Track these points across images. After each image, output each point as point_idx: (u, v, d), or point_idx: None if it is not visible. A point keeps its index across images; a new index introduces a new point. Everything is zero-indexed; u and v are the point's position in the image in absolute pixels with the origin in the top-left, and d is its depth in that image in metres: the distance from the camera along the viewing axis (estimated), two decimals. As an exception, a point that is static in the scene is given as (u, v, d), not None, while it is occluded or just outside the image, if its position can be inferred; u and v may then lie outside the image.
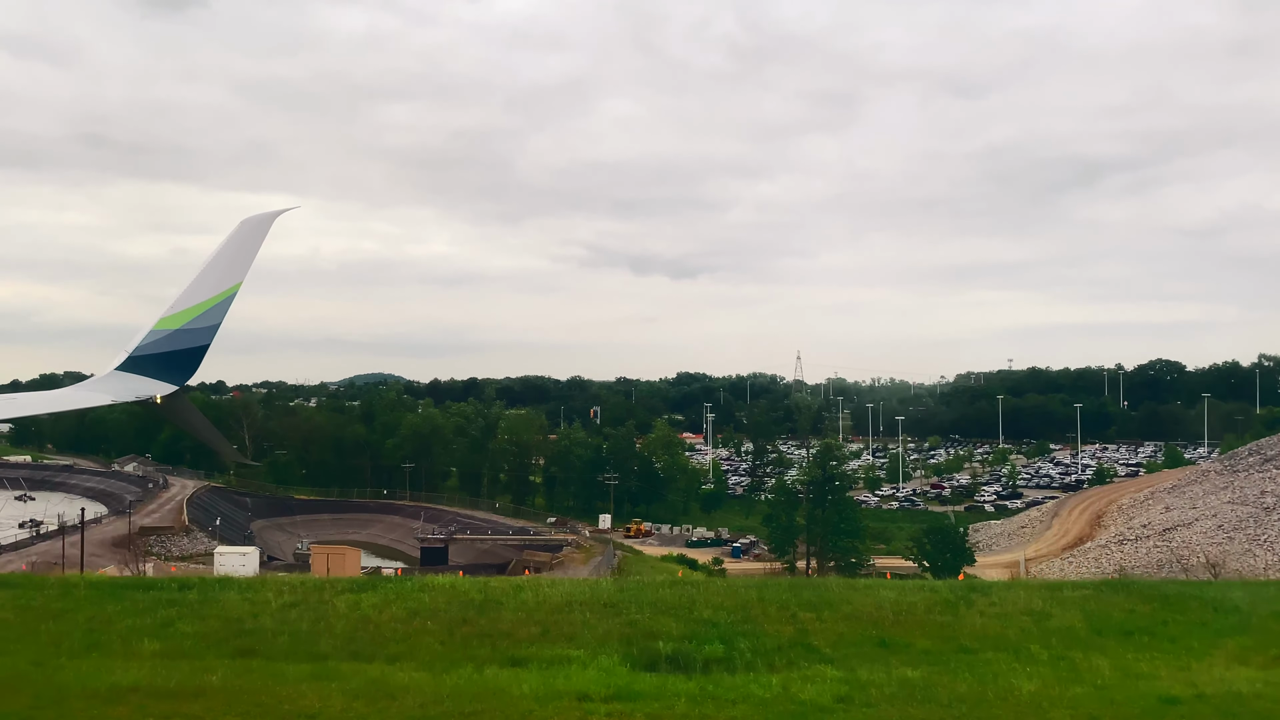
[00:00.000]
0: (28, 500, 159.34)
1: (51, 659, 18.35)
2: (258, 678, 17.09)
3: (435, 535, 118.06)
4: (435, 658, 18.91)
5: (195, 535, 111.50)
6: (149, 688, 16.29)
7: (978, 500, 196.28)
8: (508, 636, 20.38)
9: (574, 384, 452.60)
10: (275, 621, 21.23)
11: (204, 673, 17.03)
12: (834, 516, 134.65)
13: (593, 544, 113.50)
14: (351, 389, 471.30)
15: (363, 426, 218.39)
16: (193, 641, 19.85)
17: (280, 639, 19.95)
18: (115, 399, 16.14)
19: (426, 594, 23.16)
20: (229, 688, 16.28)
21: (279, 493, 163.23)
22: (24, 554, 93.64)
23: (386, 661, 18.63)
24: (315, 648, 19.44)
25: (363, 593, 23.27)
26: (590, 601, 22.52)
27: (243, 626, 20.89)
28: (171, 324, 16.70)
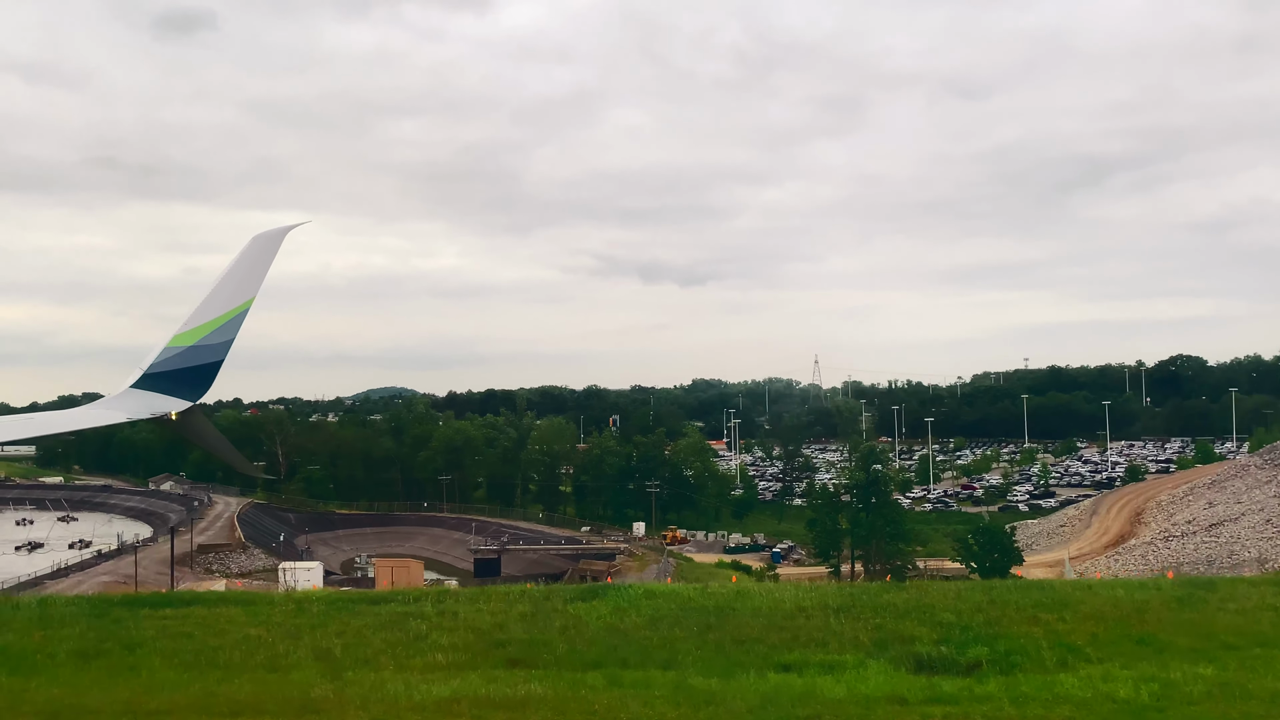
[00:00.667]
0: (70, 521, 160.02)
1: (343, 672, 18.69)
2: (563, 686, 17.43)
3: (488, 546, 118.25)
4: (705, 663, 19.23)
5: (252, 551, 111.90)
6: (471, 698, 16.63)
7: (1011, 500, 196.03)
8: (758, 641, 20.71)
9: (591, 393, 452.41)
10: (524, 631, 21.58)
11: (521, 683, 17.33)
12: (879, 520, 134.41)
13: (645, 552, 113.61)
14: (368, 403, 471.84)
15: (391, 440, 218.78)
16: (456, 653, 20.15)
17: (543, 648, 20.26)
18: (131, 416, 16.23)
19: (653, 601, 23.47)
20: (550, 697, 16.60)
21: (319, 508, 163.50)
22: (91, 573, 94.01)
23: (661, 668, 18.96)
24: (584, 656, 19.75)
25: (589, 601, 23.58)
26: (820, 607, 22.86)
27: (494, 637, 21.22)
28: (185, 340, 16.78)
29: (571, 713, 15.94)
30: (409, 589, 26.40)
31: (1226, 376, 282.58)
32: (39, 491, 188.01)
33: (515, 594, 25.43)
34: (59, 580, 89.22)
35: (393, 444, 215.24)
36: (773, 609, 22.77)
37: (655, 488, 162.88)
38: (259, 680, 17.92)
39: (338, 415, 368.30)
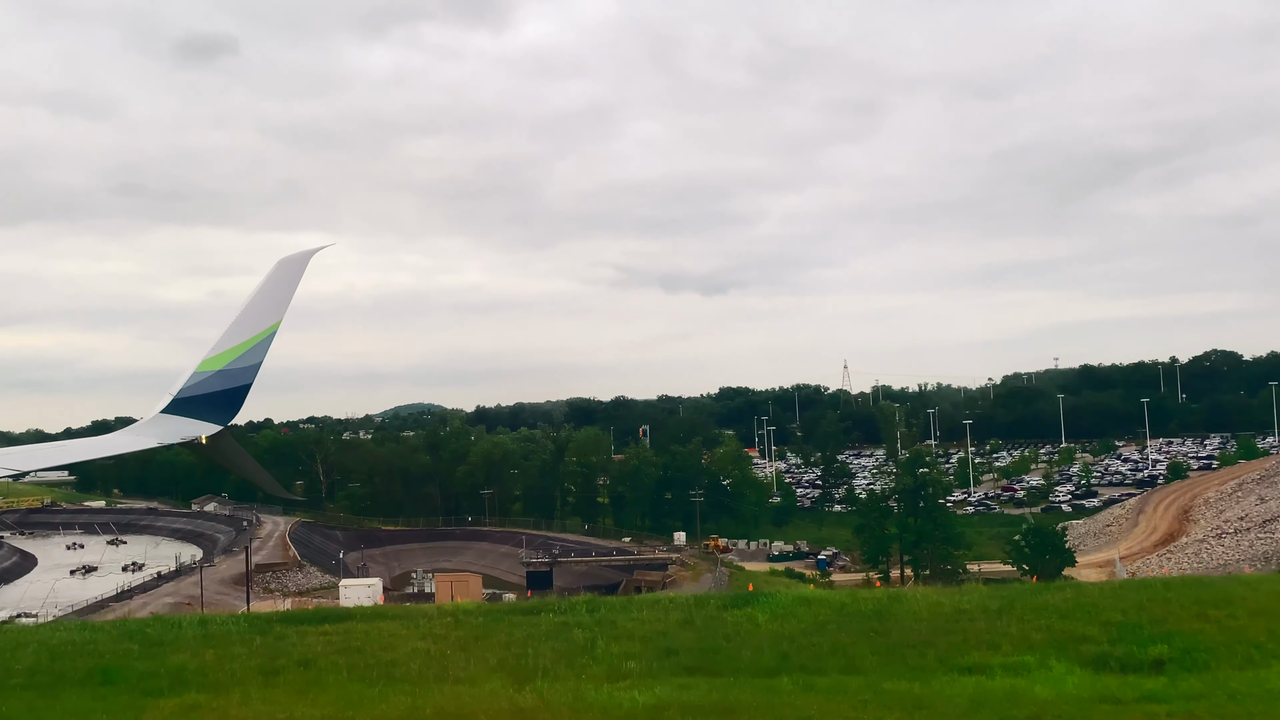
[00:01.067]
0: (120, 544, 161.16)
1: (529, 682, 18.82)
2: (760, 693, 17.51)
3: (539, 559, 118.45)
4: (885, 667, 19.27)
5: (308, 569, 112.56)
6: (679, 705, 16.73)
7: (1053, 501, 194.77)
8: (928, 644, 20.72)
9: (619, 404, 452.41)
10: (691, 639, 21.67)
11: (718, 690, 17.43)
12: (928, 524, 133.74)
13: (696, 561, 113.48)
14: (397, 420, 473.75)
15: (428, 456, 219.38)
16: (631, 661, 20.24)
17: (716, 655, 20.35)
18: (162, 441, 16.31)
19: (809, 608, 23.52)
20: (758, 704, 16.69)
21: (365, 525, 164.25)
22: (154, 595, 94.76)
23: (843, 673, 19.02)
24: (761, 662, 19.84)
25: (744, 608, 23.67)
26: (980, 609, 22.86)
27: (661, 645, 21.31)
28: (214, 365, 16.85)
29: (786, 718, 16.01)
30: (571, 600, 26.50)
31: (1263, 370, 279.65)
32: (85, 515, 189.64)
33: (665, 602, 25.53)
34: (124, 602, 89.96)
35: (429, 460, 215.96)
36: (931, 612, 22.78)
37: (698, 496, 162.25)
38: (454, 693, 18.08)
39: (369, 433, 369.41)
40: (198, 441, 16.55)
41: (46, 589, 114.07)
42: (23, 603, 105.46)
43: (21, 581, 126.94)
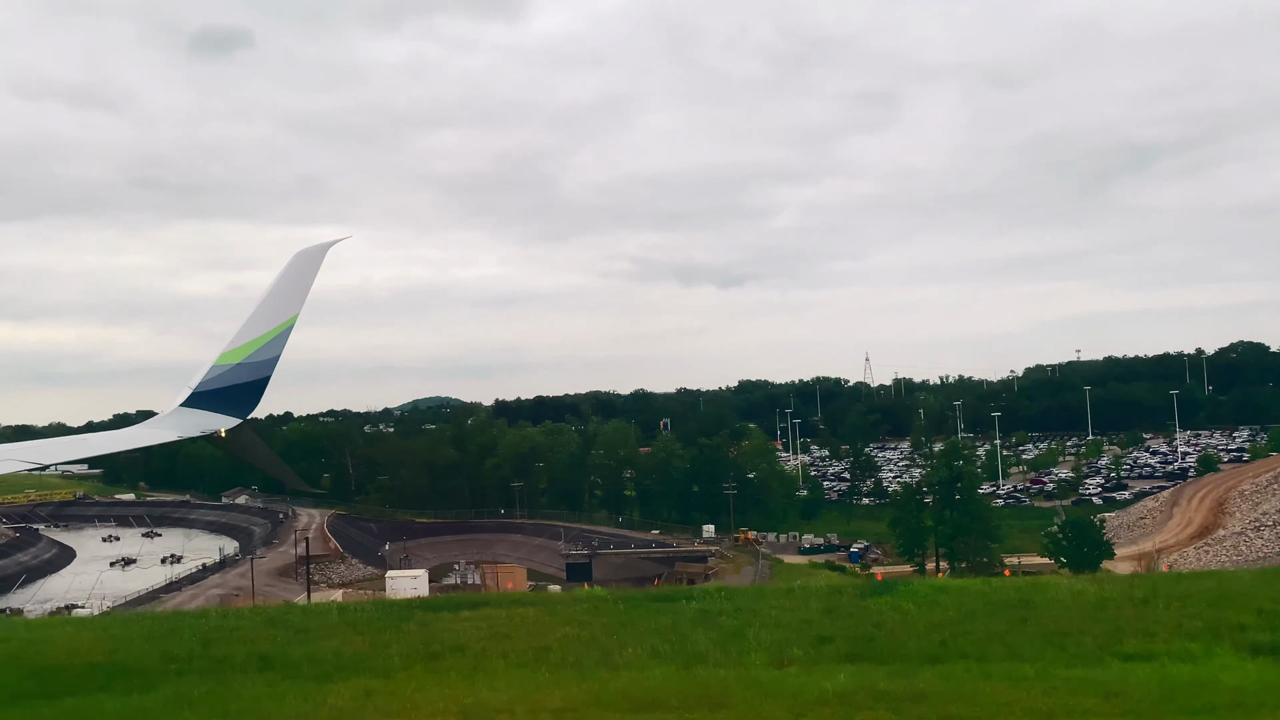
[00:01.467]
0: (155, 536, 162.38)
1: (692, 667, 18.88)
2: (936, 679, 17.51)
3: (579, 551, 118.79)
4: (1045, 654, 19.25)
5: (350, 561, 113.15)
6: (868, 690, 16.75)
7: (1083, 494, 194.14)
8: (1082, 633, 20.69)
9: (639, 397, 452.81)
10: (843, 625, 21.73)
11: (896, 678, 17.44)
12: (964, 517, 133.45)
13: (736, 554, 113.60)
14: (416, 413, 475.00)
15: (453, 449, 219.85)
16: (789, 648, 20.21)
17: (872, 643, 20.37)
18: (182, 435, 16.34)
19: (949, 596, 23.55)
20: (944, 691, 16.68)
21: (398, 517, 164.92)
22: (202, 586, 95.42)
23: (1008, 660, 19.00)
24: (921, 649, 19.83)
25: (882, 596, 23.71)
26: (1125, 598, 22.85)
27: (812, 632, 21.33)
28: (232, 358, 16.84)
29: (982, 703, 15.98)
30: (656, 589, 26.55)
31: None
32: (119, 509, 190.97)
33: (799, 591, 25.62)
34: (174, 594, 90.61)
35: (455, 453, 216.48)
36: (1075, 600, 22.79)
37: (731, 489, 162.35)
38: (629, 679, 18.18)
39: (388, 426, 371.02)
40: (217, 435, 16.60)
41: (92, 581, 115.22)
42: (69, 594, 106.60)
43: (63, 574, 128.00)
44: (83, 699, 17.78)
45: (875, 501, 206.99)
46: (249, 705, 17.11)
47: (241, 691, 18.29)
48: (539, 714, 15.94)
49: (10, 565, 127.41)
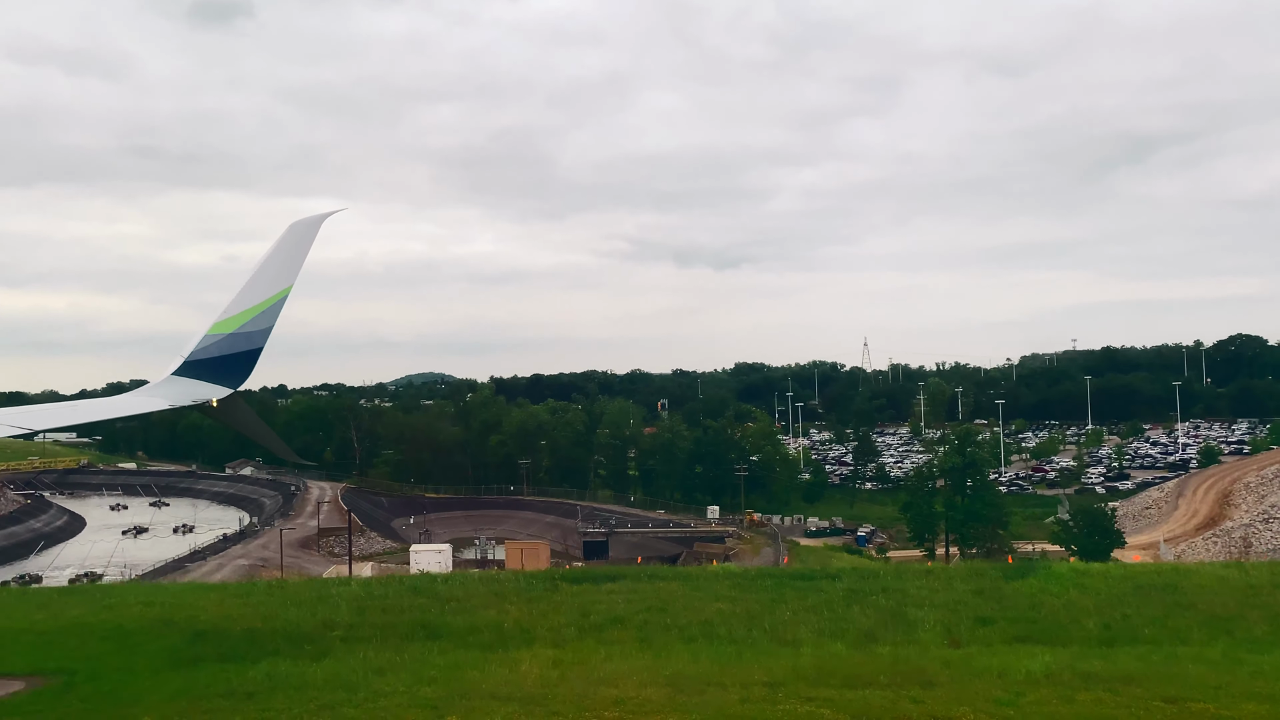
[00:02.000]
0: (163, 506, 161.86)
1: (871, 644, 18.94)
2: (1133, 663, 17.59)
3: (596, 529, 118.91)
4: (1220, 640, 19.39)
5: (369, 534, 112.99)
6: (1071, 672, 16.83)
7: (1086, 483, 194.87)
8: (1239, 618, 20.84)
9: (636, 377, 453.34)
10: (999, 607, 21.78)
11: (1084, 659, 17.51)
12: (977, 504, 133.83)
13: (751, 536, 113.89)
14: (411, 388, 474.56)
15: (456, 425, 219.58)
16: (957, 630, 20.35)
17: (1039, 625, 20.46)
18: (173, 404, 16.25)
19: (1092, 580, 23.66)
20: (1151, 674, 16.75)
21: (407, 492, 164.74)
22: (227, 556, 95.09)
23: (1178, 643, 19.14)
24: (1090, 632, 19.94)
25: (1026, 578, 23.79)
26: (1269, 584, 22.97)
27: (974, 613, 21.45)
28: (225, 328, 16.78)
29: (1194, 685, 16.05)
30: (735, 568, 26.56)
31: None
32: (124, 477, 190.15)
33: (940, 573, 25.67)
34: (199, 564, 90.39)
35: (459, 429, 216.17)
36: (1220, 586, 22.93)
37: (743, 471, 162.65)
38: (808, 654, 18.23)
39: (384, 400, 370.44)
40: (209, 404, 16.52)
41: (109, 549, 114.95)
42: (88, 562, 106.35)
43: (77, 541, 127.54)
44: (274, 663, 17.75)
45: (878, 486, 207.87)
46: (452, 673, 17.10)
47: (429, 659, 18.27)
48: (749, 686, 15.96)
49: (23, 532, 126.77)
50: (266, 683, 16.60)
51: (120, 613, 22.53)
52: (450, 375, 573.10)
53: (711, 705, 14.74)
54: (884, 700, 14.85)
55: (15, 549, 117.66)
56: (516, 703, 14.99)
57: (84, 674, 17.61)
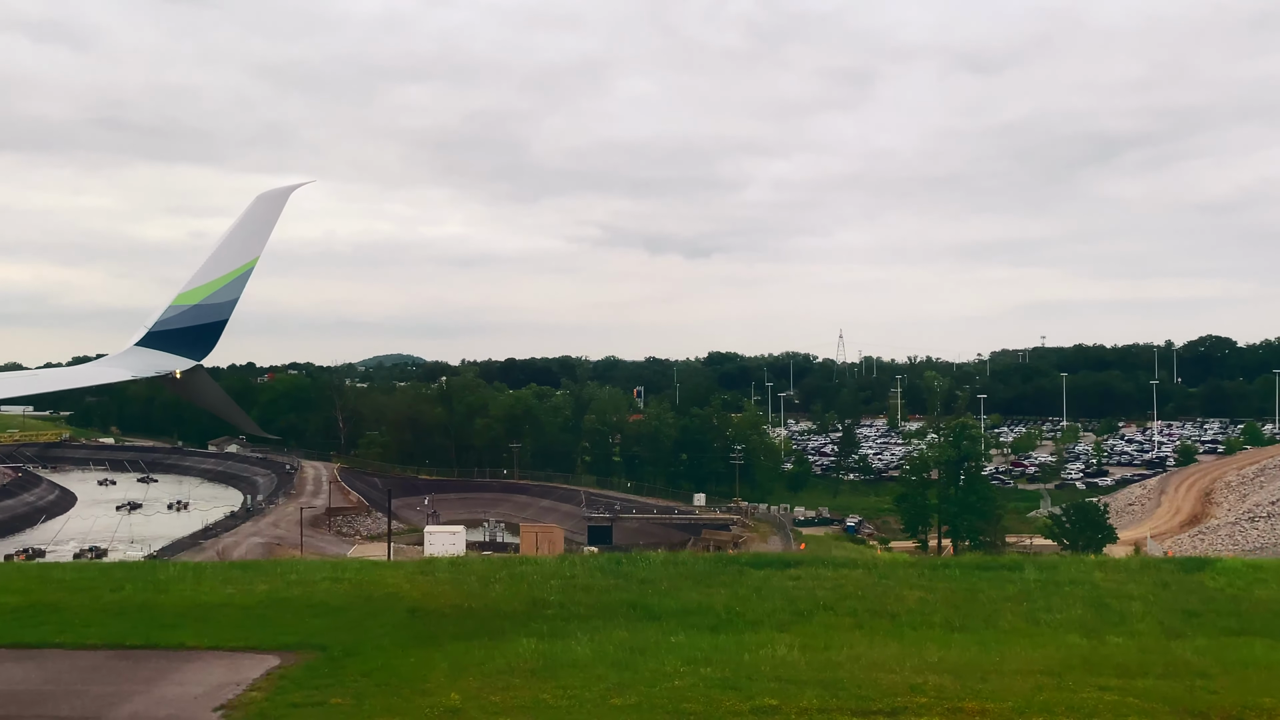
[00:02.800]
0: (151, 482, 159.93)
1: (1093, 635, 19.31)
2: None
3: (600, 515, 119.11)
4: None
5: (374, 515, 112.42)
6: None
7: (1066, 478, 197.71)
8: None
9: (609, 364, 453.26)
10: (1185, 599, 22.27)
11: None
12: (971, 496, 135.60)
13: (756, 524, 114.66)
14: (382, 369, 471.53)
15: (441, 407, 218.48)
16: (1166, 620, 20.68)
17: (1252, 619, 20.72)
18: (135, 374, 16.17)
19: (1263, 572, 24.21)
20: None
21: (399, 472, 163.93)
22: (240, 534, 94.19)
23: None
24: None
25: (1201, 573, 24.31)
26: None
27: (1161, 604, 21.89)
28: (190, 299, 16.62)
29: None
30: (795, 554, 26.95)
31: (1259, 358, 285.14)
32: (107, 453, 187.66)
33: (1116, 565, 26.16)
34: (213, 540, 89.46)
35: (442, 411, 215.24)
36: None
37: (738, 459, 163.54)
38: (1048, 641, 18.62)
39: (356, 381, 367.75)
40: (171, 376, 16.37)
41: (109, 524, 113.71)
42: (89, 537, 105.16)
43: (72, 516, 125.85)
44: (526, 642, 17.86)
45: (861, 477, 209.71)
46: (719, 654, 17.30)
47: (677, 639, 18.43)
48: (1029, 675, 16.26)
49: (19, 505, 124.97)
50: (538, 660, 16.72)
51: (313, 588, 22.44)
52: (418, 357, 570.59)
53: (1014, 692, 15.03)
54: (1178, 690, 15.20)
55: (12, 523, 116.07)
56: (816, 686, 15.20)
57: (336, 649, 17.61)
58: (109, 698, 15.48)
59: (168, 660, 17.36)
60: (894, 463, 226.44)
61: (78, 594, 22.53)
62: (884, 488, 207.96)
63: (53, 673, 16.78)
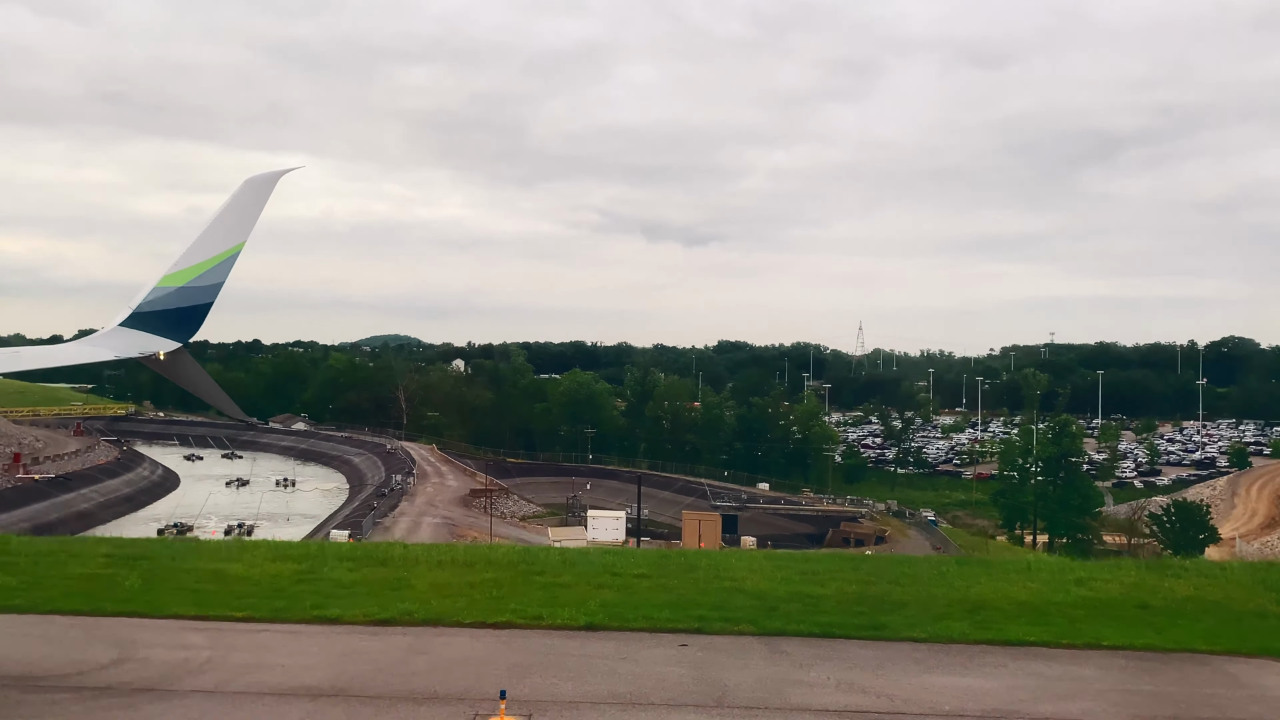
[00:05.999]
0: (235, 458, 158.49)
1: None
2: None
3: (727, 504, 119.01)
4: None
5: (514, 497, 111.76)
6: None
7: (1121, 477, 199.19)
8: None
9: (621, 350, 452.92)
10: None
11: None
12: (1070, 493, 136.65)
13: (883, 516, 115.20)
14: (386, 350, 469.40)
15: (490, 391, 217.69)
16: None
17: None
18: (118, 354, 16.29)
19: None
20: None
21: (488, 456, 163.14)
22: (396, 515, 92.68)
23: None
24: None
25: None
26: None
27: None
28: (175, 281, 16.77)
29: None
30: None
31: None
32: (176, 427, 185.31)
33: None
34: (381, 521, 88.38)
35: (493, 394, 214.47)
36: None
37: (830, 451, 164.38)
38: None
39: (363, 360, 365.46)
40: (155, 357, 16.56)
41: (231, 501, 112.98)
42: (234, 515, 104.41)
43: (176, 495, 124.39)
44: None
45: (914, 471, 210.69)
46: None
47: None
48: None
49: (139, 480, 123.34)
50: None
51: (682, 578, 22.78)
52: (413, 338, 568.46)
53: None
54: None
55: (139, 497, 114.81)
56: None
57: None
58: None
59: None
60: (942, 456, 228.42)
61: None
62: (939, 481, 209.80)
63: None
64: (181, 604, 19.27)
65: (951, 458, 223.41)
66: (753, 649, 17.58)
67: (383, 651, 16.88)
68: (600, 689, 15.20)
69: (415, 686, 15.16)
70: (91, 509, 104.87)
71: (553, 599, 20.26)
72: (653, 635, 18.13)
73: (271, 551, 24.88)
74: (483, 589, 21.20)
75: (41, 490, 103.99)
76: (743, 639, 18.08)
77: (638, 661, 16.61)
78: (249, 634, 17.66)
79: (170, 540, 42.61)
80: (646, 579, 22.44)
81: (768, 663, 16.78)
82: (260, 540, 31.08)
